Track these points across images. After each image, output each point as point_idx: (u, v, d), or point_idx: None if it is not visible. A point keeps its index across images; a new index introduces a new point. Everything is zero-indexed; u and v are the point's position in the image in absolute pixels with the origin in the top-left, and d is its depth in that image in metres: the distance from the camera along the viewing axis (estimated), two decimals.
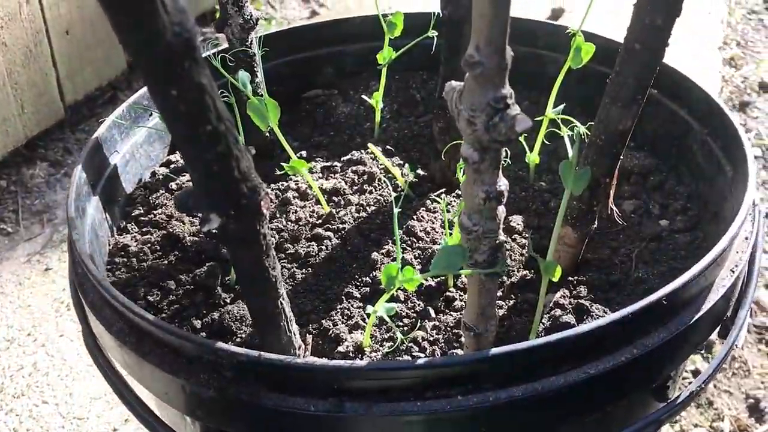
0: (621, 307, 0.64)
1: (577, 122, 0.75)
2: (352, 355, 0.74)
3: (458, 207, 0.88)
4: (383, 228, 0.89)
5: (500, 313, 0.79)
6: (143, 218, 0.93)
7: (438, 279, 0.82)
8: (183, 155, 0.53)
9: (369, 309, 0.71)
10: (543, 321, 0.77)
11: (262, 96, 0.94)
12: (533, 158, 0.97)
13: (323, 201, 0.93)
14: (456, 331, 0.76)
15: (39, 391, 1.33)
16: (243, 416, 0.63)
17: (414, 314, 0.79)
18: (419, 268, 0.84)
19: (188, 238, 0.90)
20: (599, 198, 0.79)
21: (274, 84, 1.04)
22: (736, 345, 0.73)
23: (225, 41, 0.99)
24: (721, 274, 0.71)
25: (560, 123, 0.86)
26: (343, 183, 0.97)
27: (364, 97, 1.11)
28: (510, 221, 0.90)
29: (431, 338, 0.76)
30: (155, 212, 0.94)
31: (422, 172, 0.99)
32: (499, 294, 0.81)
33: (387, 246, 0.87)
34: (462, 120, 0.53)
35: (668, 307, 0.65)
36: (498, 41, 0.49)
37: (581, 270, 0.84)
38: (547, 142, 0.96)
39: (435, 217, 0.91)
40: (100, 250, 0.86)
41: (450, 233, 0.82)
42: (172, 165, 1.03)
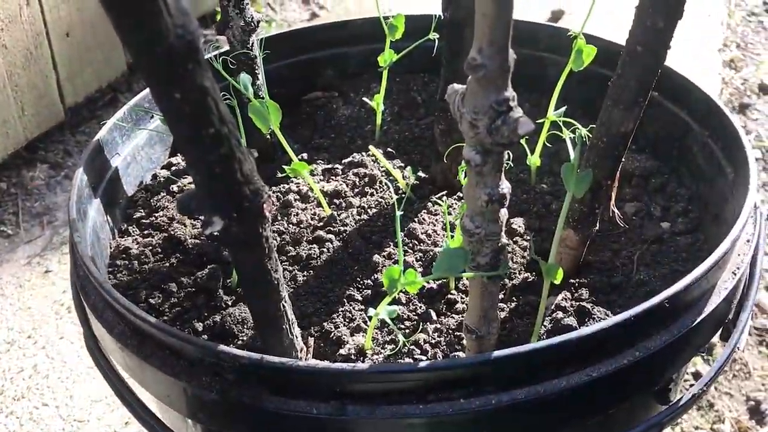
0: (623, 310, 0.64)
1: (579, 125, 0.75)
2: (354, 358, 0.74)
3: (460, 209, 0.88)
4: (385, 230, 0.89)
5: (502, 316, 0.79)
6: (144, 221, 0.93)
7: (440, 282, 0.82)
8: (185, 157, 0.53)
9: (371, 312, 0.71)
10: (545, 323, 0.77)
11: (264, 98, 0.94)
12: (535, 161, 0.97)
13: (324, 203, 0.93)
14: (458, 334, 0.76)
15: (39, 394, 1.32)
16: (245, 419, 0.63)
17: (416, 317, 0.79)
18: (421, 271, 0.84)
19: (190, 241, 0.90)
20: (601, 200, 0.79)
21: (275, 86, 1.04)
22: (738, 347, 0.73)
23: (226, 44, 0.99)
24: (723, 277, 0.71)
25: (562, 125, 0.86)
26: (345, 185, 0.97)
27: (365, 100, 1.11)
28: (512, 224, 0.90)
29: (433, 341, 0.76)
30: (156, 215, 0.94)
31: (423, 175, 0.99)
32: (501, 296, 0.81)
33: (388, 248, 0.87)
34: (464, 123, 0.53)
35: (670, 310, 0.65)
36: (501, 43, 0.49)
37: (583, 272, 0.84)
38: (549, 145, 0.96)
39: (436, 220, 0.91)
40: (102, 253, 0.86)
41: (452, 236, 0.82)
42: (174, 167, 1.03)
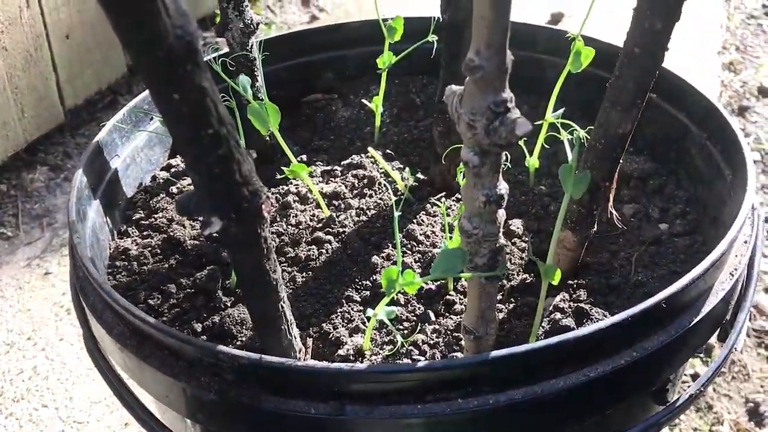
0: (620, 311, 0.64)
1: (577, 126, 0.75)
2: (353, 359, 0.74)
3: (458, 210, 0.88)
4: (383, 232, 0.90)
5: (500, 317, 0.79)
6: (144, 222, 0.94)
7: (438, 282, 0.82)
8: (184, 158, 0.53)
9: (369, 312, 0.71)
10: (543, 324, 0.77)
11: (263, 100, 0.94)
12: (533, 162, 0.97)
13: (323, 205, 0.93)
14: (456, 335, 0.76)
15: (39, 395, 1.32)
16: (244, 419, 0.64)
17: (414, 317, 0.79)
18: (419, 272, 0.84)
19: (189, 242, 0.90)
20: (599, 202, 0.80)
21: (275, 88, 1.04)
22: (735, 348, 0.74)
23: (225, 45, 0.99)
24: (720, 278, 0.72)
25: (560, 127, 0.86)
26: (344, 187, 0.97)
27: (364, 102, 1.12)
28: (510, 225, 0.91)
29: (431, 341, 0.76)
30: (156, 216, 0.94)
31: (422, 176, 0.99)
32: (499, 297, 0.82)
33: (387, 249, 0.87)
34: (462, 124, 0.53)
35: (667, 311, 0.65)
36: (498, 45, 0.49)
37: (581, 273, 0.85)
38: (547, 146, 0.96)
39: (435, 221, 0.91)
40: (101, 254, 0.87)
41: (450, 237, 0.82)
42: (173, 169, 1.03)
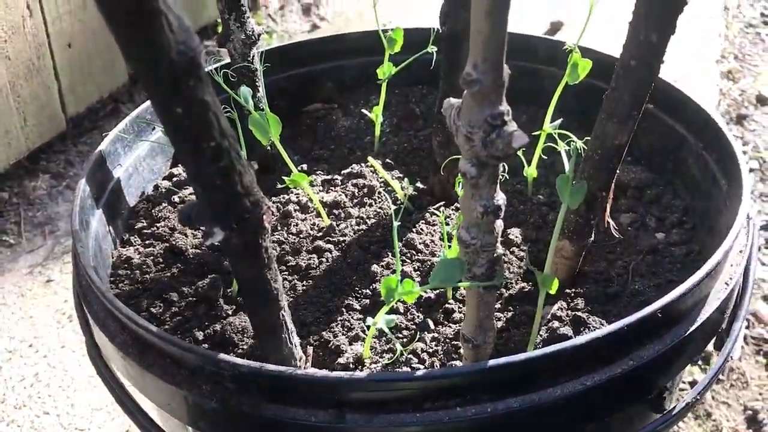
0: (618, 320, 0.65)
1: (574, 137, 0.76)
2: (353, 367, 0.75)
3: (457, 220, 0.89)
4: (383, 241, 0.90)
5: (498, 325, 0.80)
6: (146, 231, 0.94)
7: (437, 291, 0.83)
8: (187, 170, 0.54)
9: (369, 321, 0.72)
10: (541, 333, 0.78)
11: (264, 110, 0.95)
12: (531, 172, 0.98)
13: (324, 214, 0.94)
14: (455, 343, 0.77)
15: (40, 402, 1.33)
16: (245, 427, 0.64)
17: (413, 326, 0.80)
18: (418, 281, 0.85)
19: (190, 251, 0.91)
20: (596, 211, 0.81)
21: (275, 98, 1.05)
22: (731, 357, 0.74)
23: (227, 56, 1.00)
24: (716, 287, 0.72)
25: (557, 138, 0.87)
26: (344, 196, 0.98)
27: (364, 111, 1.13)
28: (508, 234, 0.91)
29: (430, 350, 0.77)
30: (158, 225, 0.95)
31: (421, 186, 1.00)
32: (498, 306, 0.82)
33: (387, 258, 0.88)
34: (460, 136, 0.54)
35: (664, 320, 0.66)
36: (495, 59, 0.50)
37: (578, 282, 0.85)
38: (545, 157, 0.97)
39: (434, 230, 0.92)
40: (104, 263, 0.87)
41: (449, 246, 0.83)
42: (175, 178, 1.04)
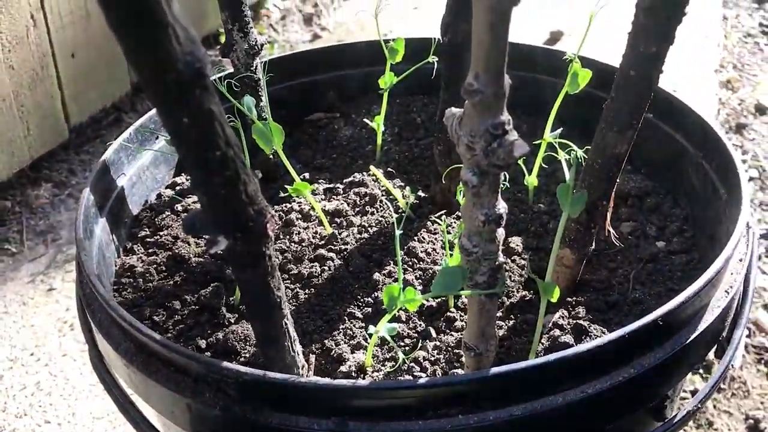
0: (619, 328, 0.65)
1: (575, 146, 0.76)
2: (355, 375, 0.75)
3: (458, 228, 0.90)
4: (385, 249, 0.91)
5: (500, 334, 0.80)
6: (149, 239, 0.95)
7: (439, 299, 0.83)
8: (192, 179, 0.55)
9: (371, 329, 0.72)
10: (542, 341, 0.78)
11: (267, 120, 0.96)
12: (532, 181, 0.99)
13: (326, 222, 0.94)
14: (457, 351, 0.77)
15: (42, 411, 1.33)
16: None
17: (415, 334, 0.80)
18: (420, 289, 0.85)
19: (193, 259, 0.91)
20: (597, 220, 0.81)
21: (278, 107, 1.06)
22: (732, 365, 0.75)
23: (230, 65, 1.01)
24: (716, 295, 0.73)
25: (557, 147, 0.87)
26: (345, 204, 0.99)
27: (366, 121, 1.13)
28: (509, 242, 0.92)
29: (432, 358, 0.77)
30: (161, 233, 0.95)
31: (423, 194, 1.00)
32: (499, 314, 0.83)
33: (388, 267, 0.88)
34: (462, 145, 0.55)
35: (664, 328, 0.66)
36: (496, 70, 0.51)
37: (579, 291, 0.86)
38: (546, 166, 0.98)
39: (436, 238, 0.93)
40: (107, 271, 0.88)
41: (450, 254, 0.83)
42: (178, 187, 1.05)
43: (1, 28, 1.69)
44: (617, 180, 0.79)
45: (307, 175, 1.07)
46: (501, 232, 0.60)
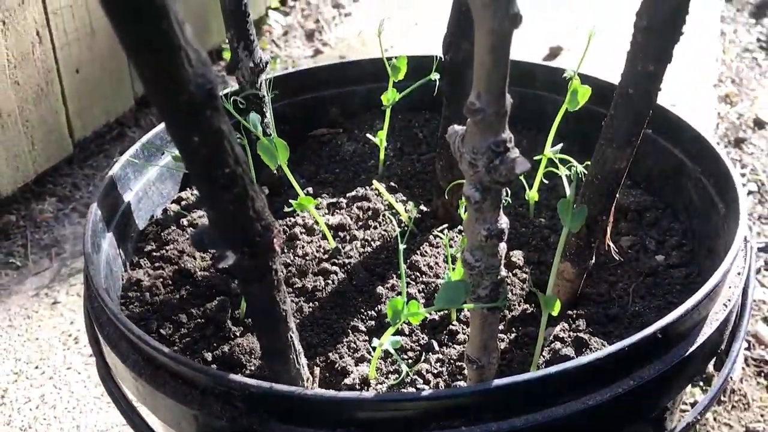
0: (619, 340, 0.66)
1: (575, 161, 0.78)
2: (359, 388, 0.76)
3: (460, 242, 0.91)
4: (388, 263, 0.92)
5: (502, 346, 0.81)
6: (155, 254, 0.96)
7: (442, 313, 0.84)
8: (201, 195, 0.56)
9: (375, 342, 0.73)
10: (543, 354, 0.79)
11: (272, 136, 0.98)
12: (533, 195, 1.00)
13: (329, 236, 0.96)
14: (459, 364, 0.78)
15: (46, 424, 1.34)
16: None
17: (418, 347, 0.81)
18: (423, 302, 0.86)
19: (199, 273, 0.92)
20: (597, 234, 0.82)
21: (282, 123, 1.08)
22: (731, 377, 0.76)
23: (234, 81, 1.03)
24: (715, 308, 0.74)
25: (558, 162, 0.89)
26: (349, 219, 1.00)
27: (369, 136, 1.15)
28: (511, 256, 0.93)
29: (435, 371, 0.78)
30: (167, 248, 0.96)
31: (425, 208, 1.02)
32: (501, 328, 0.84)
33: (392, 280, 0.89)
34: (464, 162, 0.56)
35: (664, 340, 0.67)
36: (498, 90, 0.52)
37: (580, 304, 0.87)
38: (546, 181, 0.99)
39: (438, 252, 0.94)
40: (114, 285, 0.89)
41: (453, 268, 0.84)
42: (183, 202, 1.06)
43: (7, 45, 1.71)
44: (617, 195, 0.80)
45: (311, 190, 1.08)
46: (503, 247, 0.61)
